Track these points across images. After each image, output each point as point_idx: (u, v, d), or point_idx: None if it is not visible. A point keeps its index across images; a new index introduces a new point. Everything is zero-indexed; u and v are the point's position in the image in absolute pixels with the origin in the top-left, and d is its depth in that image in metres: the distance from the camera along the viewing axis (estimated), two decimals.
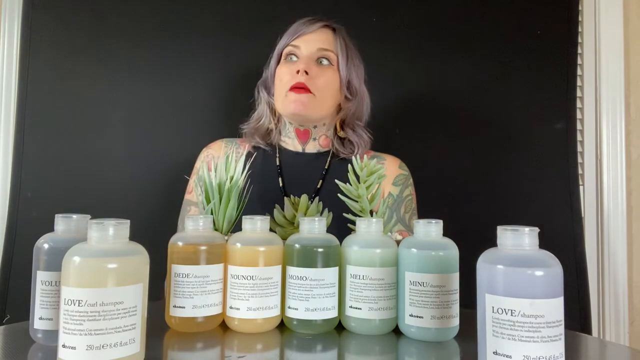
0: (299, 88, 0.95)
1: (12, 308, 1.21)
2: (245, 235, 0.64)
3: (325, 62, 0.98)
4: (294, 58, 0.99)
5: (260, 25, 1.32)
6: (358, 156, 0.75)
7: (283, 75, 0.98)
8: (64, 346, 0.46)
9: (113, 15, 1.30)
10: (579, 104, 1.40)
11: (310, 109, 0.96)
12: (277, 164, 1.02)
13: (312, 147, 1.04)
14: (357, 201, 0.73)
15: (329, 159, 1.03)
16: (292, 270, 0.63)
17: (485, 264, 0.49)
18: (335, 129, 1.05)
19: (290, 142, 1.05)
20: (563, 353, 0.46)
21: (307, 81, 0.95)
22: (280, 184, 0.99)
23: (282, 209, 0.80)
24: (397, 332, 0.63)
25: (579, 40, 1.40)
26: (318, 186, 0.99)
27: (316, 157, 1.04)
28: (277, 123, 1.05)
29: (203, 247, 0.62)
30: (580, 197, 1.36)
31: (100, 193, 1.26)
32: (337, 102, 1.02)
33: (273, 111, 1.05)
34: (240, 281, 0.61)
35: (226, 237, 0.66)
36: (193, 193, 1.00)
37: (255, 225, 0.64)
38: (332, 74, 0.99)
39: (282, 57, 1.01)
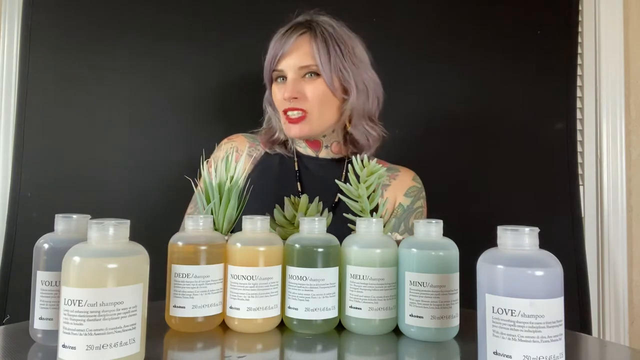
0: (292, 113, 0.95)
1: (12, 308, 1.21)
2: (245, 235, 0.64)
3: (312, 74, 0.95)
4: (283, 79, 0.98)
5: (261, 24, 1.32)
6: (358, 156, 0.75)
7: (276, 97, 0.99)
8: (64, 346, 0.46)
9: (113, 15, 1.30)
10: (579, 104, 1.40)
11: (309, 131, 0.97)
12: (296, 168, 1.02)
13: (325, 154, 1.04)
14: (357, 201, 0.73)
15: (344, 172, 1.02)
16: (292, 270, 0.63)
17: (485, 264, 0.49)
18: (344, 129, 1.03)
19: (303, 150, 1.05)
20: (563, 353, 0.46)
21: (297, 104, 0.94)
22: (299, 189, 1.00)
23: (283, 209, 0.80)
24: (397, 332, 0.63)
25: (579, 40, 1.40)
26: (336, 200, 0.98)
27: (330, 162, 1.04)
28: None
29: (203, 247, 0.62)
30: (580, 197, 1.36)
31: (101, 193, 1.26)
32: (339, 106, 0.99)
33: None
34: (240, 281, 0.61)
35: (226, 237, 0.66)
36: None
37: (255, 225, 0.64)
38: (319, 85, 0.95)
39: (273, 79, 1.00)
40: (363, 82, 0.99)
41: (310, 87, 0.95)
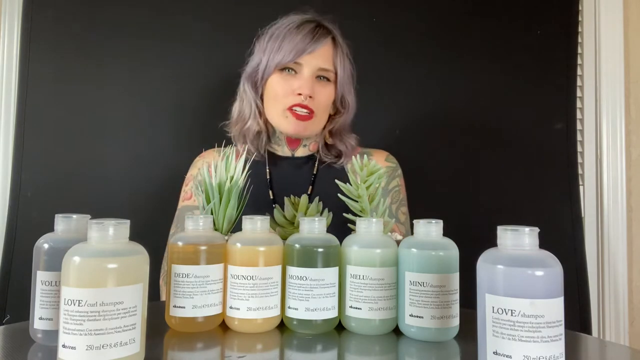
0: (302, 110, 0.94)
1: (12, 308, 1.21)
2: (245, 235, 0.64)
3: (323, 79, 0.98)
4: (292, 71, 0.96)
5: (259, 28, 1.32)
6: (358, 156, 0.75)
7: (280, 91, 0.96)
8: (64, 346, 0.45)
9: (113, 16, 1.30)
10: (579, 104, 1.40)
11: (309, 131, 0.98)
12: (267, 176, 1.02)
13: (301, 152, 1.05)
14: (357, 201, 0.73)
15: (316, 165, 1.04)
16: (292, 270, 0.63)
17: (485, 264, 0.49)
18: (324, 135, 1.05)
19: (280, 149, 1.05)
20: (563, 353, 0.46)
21: (309, 102, 0.95)
22: (271, 196, 1.00)
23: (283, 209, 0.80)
24: (397, 332, 0.63)
25: (579, 40, 1.40)
26: (308, 192, 1.00)
27: (306, 161, 1.05)
28: (265, 124, 1.03)
29: (203, 247, 0.62)
30: (580, 197, 1.36)
31: (100, 193, 1.26)
32: (329, 115, 1.03)
33: (260, 112, 1.02)
34: (240, 281, 0.61)
35: (226, 237, 0.66)
36: (193, 198, 1.00)
37: (255, 225, 0.64)
38: (330, 91, 0.99)
39: (279, 67, 0.97)
40: (352, 99, 1.04)
41: (323, 90, 0.97)
